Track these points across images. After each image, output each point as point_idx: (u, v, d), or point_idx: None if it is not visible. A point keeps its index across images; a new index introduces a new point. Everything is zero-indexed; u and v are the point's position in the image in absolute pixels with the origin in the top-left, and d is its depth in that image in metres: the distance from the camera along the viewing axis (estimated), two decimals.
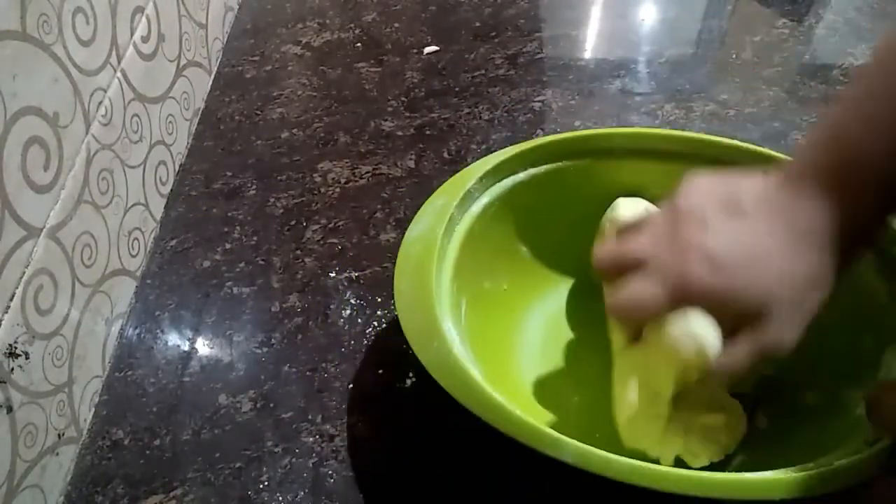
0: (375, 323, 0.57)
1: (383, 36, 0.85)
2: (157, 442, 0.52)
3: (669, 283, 0.37)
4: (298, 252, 0.63)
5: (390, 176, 0.68)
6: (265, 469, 0.49)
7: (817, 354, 0.46)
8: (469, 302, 0.48)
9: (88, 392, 0.53)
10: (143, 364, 0.57)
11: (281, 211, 0.67)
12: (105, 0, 0.58)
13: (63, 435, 0.50)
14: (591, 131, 0.52)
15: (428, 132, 0.72)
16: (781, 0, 0.84)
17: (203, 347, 0.57)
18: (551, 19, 0.85)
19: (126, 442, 0.52)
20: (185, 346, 0.57)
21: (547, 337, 0.52)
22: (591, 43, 0.82)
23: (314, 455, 0.50)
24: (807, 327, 0.37)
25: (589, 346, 0.51)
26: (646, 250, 0.38)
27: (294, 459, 0.50)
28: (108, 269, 0.57)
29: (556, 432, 0.38)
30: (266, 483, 0.49)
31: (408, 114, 0.74)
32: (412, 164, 0.69)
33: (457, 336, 0.43)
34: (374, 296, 0.59)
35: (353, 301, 0.59)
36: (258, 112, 0.77)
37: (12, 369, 0.44)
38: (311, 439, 0.51)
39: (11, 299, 0.45)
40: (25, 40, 0.47)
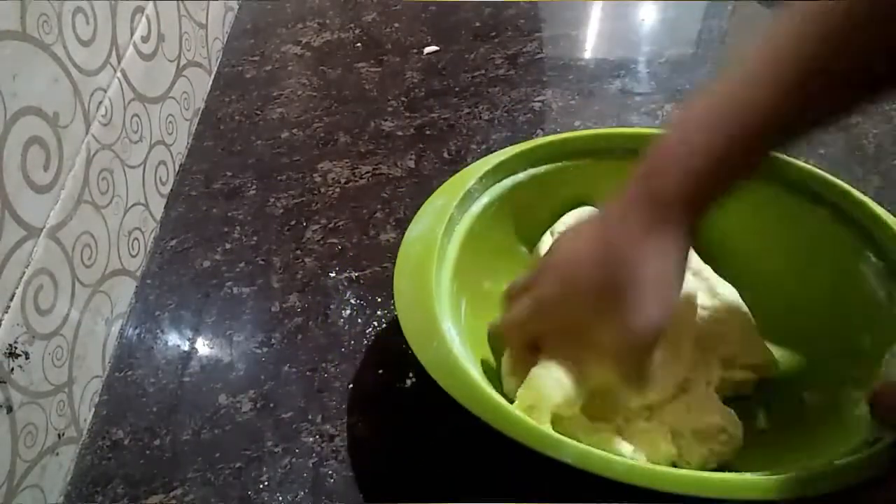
0: (375, 323, 0.57)
1: (383, 36, 0.85)
2: (157, 442, 0.52)
3: (533, 307, 0.43)
4: (298, 252, 0.63)
5: (390, 176, 0.68)
6: (265, 469, 0.49)
7: (817, 355, 0.46)
8: (469, 302, 0.48)
9: (88, 392, 0.53)
10: (143, 364, 0.57)
11: (281, 211, 0.67)
12: (105, 0, 0.58)
13: (63, 435, 0.50)
14: (590, 131, 0.52)
15: (428, 132, 0.72)
16: (781, 0, 0.84)
17: (203, 347, 0.57)
18: (551, 19, 0.85)
19: (126, 442, 0.52)
20: (185, 346, 0.57)
21: None
22: (591, 43, 0.82)
23: (314, 455, 0.50)
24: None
25: None
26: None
27: (294, 459, 0.50)
28: (108, 269, 0.57)
29: (555, 433, 0.38)
30: (266, 483, 0.49)
31: (408, 114, 0.74)
32: (412, 164, 0.69)
33: (456, 336, 0.43)
34: (374, 296, 0.59)
35: (353, 301, 0.59)
36: (258, 112, 0.77)
37: (12, 369, 0.44)
38: (311, 439, 0.51)
39: (11, 299, 0.45)
40: (25, 40, 0.47)
